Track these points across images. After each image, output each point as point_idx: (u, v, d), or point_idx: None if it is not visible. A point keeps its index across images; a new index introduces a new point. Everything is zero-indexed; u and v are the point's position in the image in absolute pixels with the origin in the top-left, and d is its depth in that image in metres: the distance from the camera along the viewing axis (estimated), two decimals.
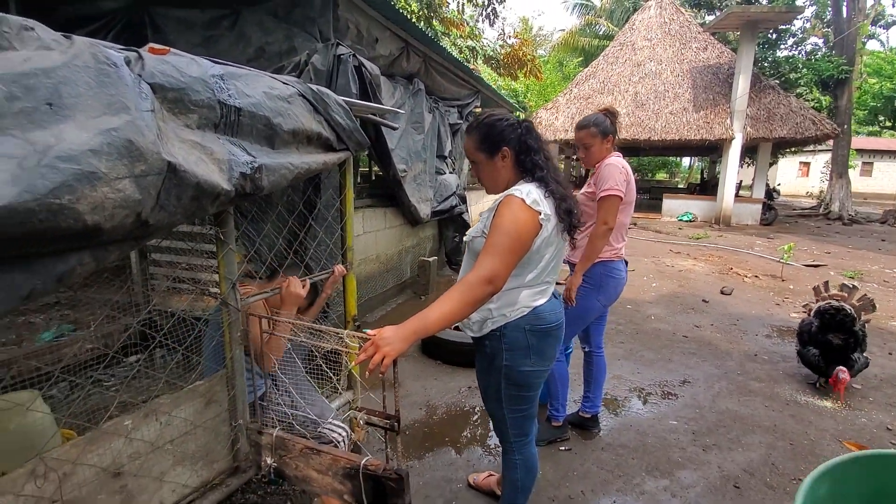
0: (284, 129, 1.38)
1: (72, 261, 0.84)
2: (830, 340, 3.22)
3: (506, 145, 1.53)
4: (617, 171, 2.30)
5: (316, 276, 1.93)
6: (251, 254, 2.01)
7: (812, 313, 3.47)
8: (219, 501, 1.50)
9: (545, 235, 1.48)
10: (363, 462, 1.39)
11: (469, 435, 2.76)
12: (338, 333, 1.43)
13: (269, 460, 1.54)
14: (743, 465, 2.47)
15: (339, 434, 1.79)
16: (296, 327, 1.61)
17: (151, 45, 1.11)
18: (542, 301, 1.60)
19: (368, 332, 1.31)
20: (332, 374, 2.03)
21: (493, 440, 2.64)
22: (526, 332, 1.56)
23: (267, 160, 1.29)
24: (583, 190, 2.46)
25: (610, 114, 2.45)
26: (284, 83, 1.46)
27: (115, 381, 2.35)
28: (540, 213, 1.44)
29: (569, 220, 1.54)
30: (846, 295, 3.49)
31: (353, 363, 1.29)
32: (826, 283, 3.74)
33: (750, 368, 3.71)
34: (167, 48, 1.11)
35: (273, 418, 1.65)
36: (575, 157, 18.12)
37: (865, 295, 3.56)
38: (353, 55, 3.48)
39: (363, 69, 3.58)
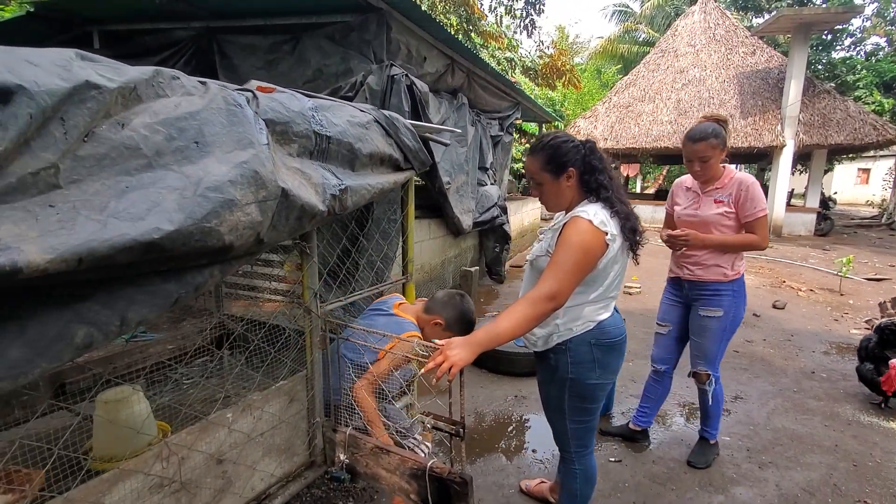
0: (364, 153, 1.53)
1: (206, 273, 1.00)
2: (887, 356, 3.11)
3: (571, 166, 1.57)
4: (761, 190, 2.34)
5: None
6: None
7: (873, 329, 3.36)
8: (297, 492, 1.64)
9: (611, 255, 1.53)
10: (430, 464, 1.48)
11: (517, 442, 2.82)
12: (409, 341, 1.54)
13: (342, 456, 1.67)
14: (802, 485, 2.43)
15: (422, 451, 1.82)
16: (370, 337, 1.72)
17: (259, 84, 1.27)
18: (605, 315, 1.64)
19: (437, 341, 1.41)
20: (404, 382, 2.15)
21: (542, 448, 2.69)
22: (591, 345, 1.62)
23: (350, 182, 1.44)
24: (714, 210, 2.36)
25: (723, 122, 2.32)
26: (362, 111, 1.61)
27: (194, 380, 2.56)
28: (606, 234, 1.49)
29: (633, 237, 1.58)
30: None
31: (422, 370, 1.34)
32: (894, 298, 3.61)
33: (807, 386, 3.59)
34: (273, 87, 1.27)
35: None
36: (614, 165, 17.86)
37: None
38: (406, 75, 3.66)
39: (414, 88, 3.76)
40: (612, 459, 2.62)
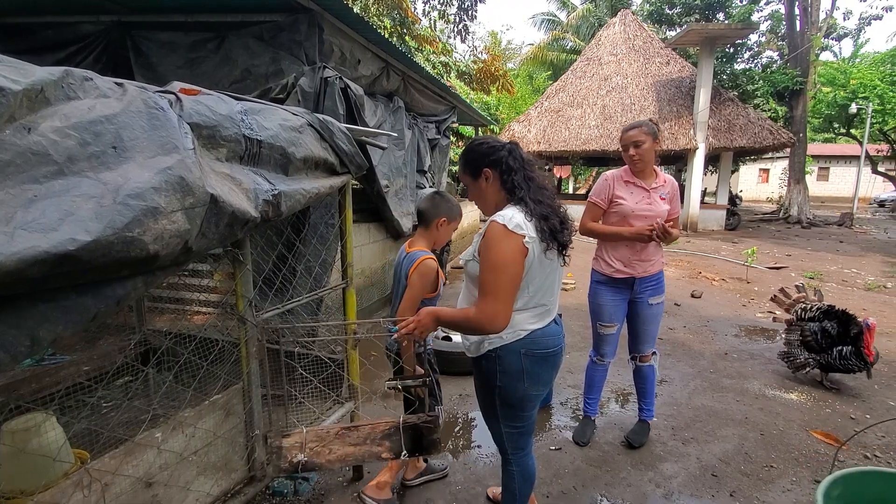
0: (297, 158, 1.50)
1: (129, 286, 0.94)
2: (830, 330, 3.46)
3: (487, 167, 1.57)
4: None
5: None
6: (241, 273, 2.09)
7: (809, 318, 3.66)
8: None
9: (536, 260, 1.49)
10: (402, 418, 1.70)
11: (464, 441, 2.87)
12: (379, 323, 1.55)
13: (299, 457, 1.66)
14: (719, 456, 2.67)
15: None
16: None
17: (182, 86, 1.22)
18: (538, 325, 1.59)
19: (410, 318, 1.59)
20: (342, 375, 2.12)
21: (488, 444, 2.76)
22: (521, 355, 1.57)
23: (284, 187, 1.41)
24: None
25: (655, 123, 2.53)
26: (295, 114, 1.58)
27: (115, 402, 2.38)
28: (524, 237, 1.45)
29: (556, 238, 1.53)
30: (805, 295, 3.79)
31: (397, 334, 1.57)
32: (782, 289, 4.03)
33: (721, 366, 3.95)
34: (197, 89, 1.23)
35: None
36: (548, 167, 18.58)
37: (815, 289, 3.95)
38: (339, 77, 3.62)
39: (349, 90, 3.72)
40: (553, 448, 2.74)
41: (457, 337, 3.80)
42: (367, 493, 2.19)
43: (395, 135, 4.90)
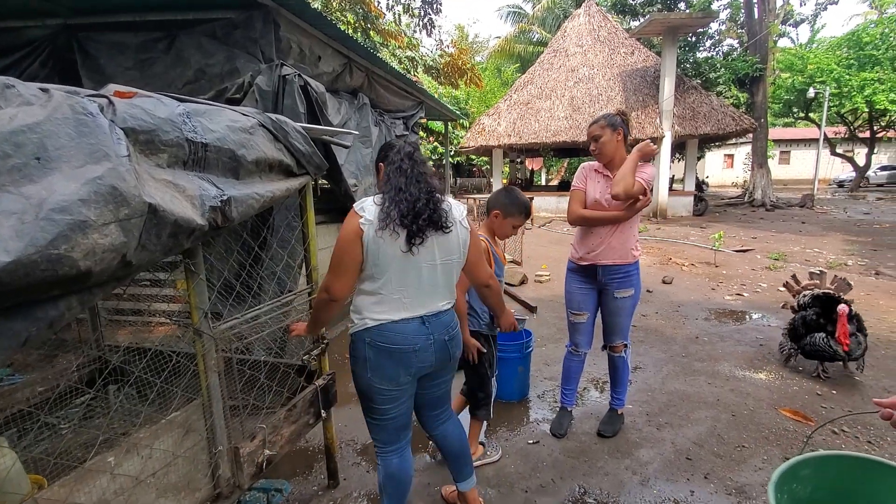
0: (248, 160, 1.44)
1: (62, 306, 0.87)
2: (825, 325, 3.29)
3: (380, 162, 1.76)
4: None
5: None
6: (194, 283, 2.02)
7: (805, 301, 3.52)
8: None
9: (368, 241, 1.52)
10: (318, 384, 2.04)
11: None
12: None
13: (266, 453, 1.68)
14: (693, 439, 2.72)
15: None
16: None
17: (117, 88, 1.14)
18: (388, 316, 1.60)
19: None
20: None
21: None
22: (366, 344, 1.61)
23: (234, 192, 1.34)
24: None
25: (623, 114, 2.58)
26: (245, 115, 1.51)
27: (73, 423, 2.26)
28: (361, 218, 1.53)
29: (402, 224, 1.52)
30: (818, 282, 3.60)
31: (291, 334, 1.90)
32: (794, 275, 3.86)
33: (693, 350, 4.03)
34: (133, 90, 1.15)
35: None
36: (519, 160, 18.70)
37: (836, 276, 3.65)
38: (299, 75, 3.52)
39: (309, 88, 3.62)
40: (531, 442, 2.74)
41: None
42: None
43: (357, 133, 4.81)
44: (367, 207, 1.56)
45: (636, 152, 2.43)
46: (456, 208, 1.72)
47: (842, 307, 3.23)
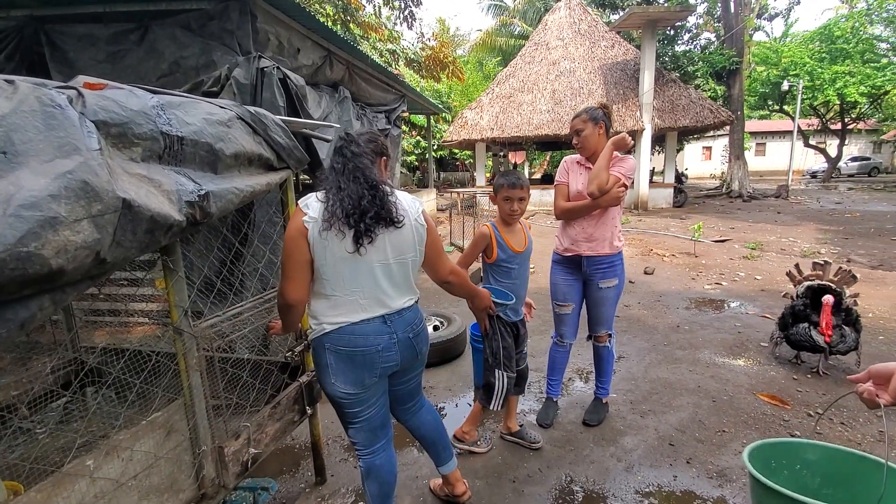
0: (227, 154, 1.40)
1: (33, 306, 0.84)
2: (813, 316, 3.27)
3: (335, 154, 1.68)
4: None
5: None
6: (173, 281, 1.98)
7: (799, 293, 3.47)
8: None
9: (317, 242, 1.46)
10: (302, 381, 2.03)
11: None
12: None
13: (251, 451, 1.65)
14: (675, 425, 2.77)
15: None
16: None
17: (86, 79, 1.10)
18: (345, 319, 1.54)
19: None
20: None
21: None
22: (326, 349, 1.56)
23: (212, 186, 1.31)
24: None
25: (605, 107, 2.62)
26: (222, 107, 1.47)
27: (50, 427, 2.20)
28: (305, 215, 1.47)
29: (347, 224, 1.45)
30: (821, 273, 3.52)
31: (271, 332, 1.85)
32: (797, 265, 3.76)
33: (674, 339, 4.11)
34: (104, 82, 1.11)
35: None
36: (502, 154, 18.73)
37: (840, 268, 3.52)
38: (277, 67, 3.45)
39: (288, 81, 3.55)
40: None
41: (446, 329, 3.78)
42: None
43: (338, 126, 4.75)
44: (311, 204, 1.48)
45: (610, 145, 2.46)
46: (409, 203, 1.63)
47: (826, 298, 3.23)
